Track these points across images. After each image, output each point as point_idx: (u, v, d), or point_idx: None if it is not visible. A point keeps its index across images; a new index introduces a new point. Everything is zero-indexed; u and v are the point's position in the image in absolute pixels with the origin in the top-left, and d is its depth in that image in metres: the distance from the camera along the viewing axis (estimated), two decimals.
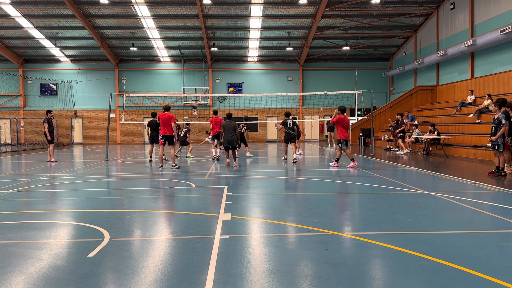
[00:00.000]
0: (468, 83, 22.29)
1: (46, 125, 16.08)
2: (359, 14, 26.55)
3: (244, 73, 33.95)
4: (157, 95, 31.70)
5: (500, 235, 5.05)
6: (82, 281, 3.61)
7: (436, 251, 4.29)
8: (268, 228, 5.48)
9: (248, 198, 7.73)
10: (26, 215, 6.45)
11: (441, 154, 17.05)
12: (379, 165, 13.72)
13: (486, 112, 17.72)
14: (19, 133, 33.08)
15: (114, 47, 31.58)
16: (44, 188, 9.29)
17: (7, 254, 4.38)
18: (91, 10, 26.07)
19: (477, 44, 20.26)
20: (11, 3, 24.61)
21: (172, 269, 3.90)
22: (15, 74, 32.72)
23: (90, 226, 5.54)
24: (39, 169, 13.51)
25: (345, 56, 33.57)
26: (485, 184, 9.02)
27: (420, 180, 10.08)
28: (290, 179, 10.56)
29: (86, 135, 33.79)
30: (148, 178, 11.16)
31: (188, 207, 7.05)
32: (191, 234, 5.11)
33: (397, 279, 3.60)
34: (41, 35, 29.26)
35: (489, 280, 3.54)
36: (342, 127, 12.25)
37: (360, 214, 6.33)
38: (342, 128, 12.24)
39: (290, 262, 4.04)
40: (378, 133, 25.77)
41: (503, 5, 19.28)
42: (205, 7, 25.31)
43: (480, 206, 6.67)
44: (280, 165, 13.99)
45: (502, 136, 10.35)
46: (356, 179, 10.24)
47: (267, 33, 29.32)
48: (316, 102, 32.82)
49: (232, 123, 13.28)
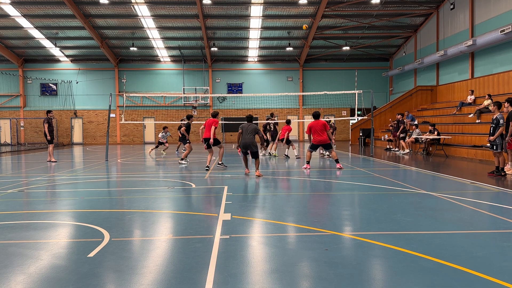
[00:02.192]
0: (468, 83, 22.29)
1: (46, 125, 16.09)
2: (359, 14, 26.55)
3: (244, 73, 33.95)
4: (157, 95, 31.71)
5: (500, 235, 5.05)
6: (82, 281, 3.61)
7: (436, 251, 4.29)
8: (268, 228, 5.48)
9: (248, 198, 7.73)
10: (26, 215, 6.44)
11: (441, 154, 17.05)
12: (379, 165, 13.72)
13: (486, 112, 17.71)
14: (19, 133, 33.08)
15: (114, 47, 31.58)
16: (44, 188, 9.28)
17: (7, 254, 4.38)
18: (91, 10, 26.07)
19: (477, 44, 20.26)
20: (11, 3, 24.61)
21: (172, 269, 3.90)
22: (15, 74, 32.72)
23: (90, 226, 5.54)
24: (39, 169, 13.51)
25: (345, 56, 33.57)
26: (485, 184, 9.02)
27: (420, 180, 10.08)
28: (290, 179, 10.55)
29: (86, 135, 33.79)
30: (148, 178, 11.15)
31: (188, 207, 7.05)
32: (191, 234, 5.11)
33: (397, 279, 3.60)
34: (41, 35, 29.26)
35: (489, 280, 3.54)
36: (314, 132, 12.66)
37: (360, 214, 6.33)
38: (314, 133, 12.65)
39: (290, 262, 4.04)
40: (378, 133, 25.78)
41: (503, 5, 19.29)
42: (205, 7, 25.31)
43: (480, 206, 6.67)
44: (280, 165, 13.99)
45: (501, 136, 10.36)
46: (356, 179, 10.24)
47: (267, 33, 29.32)
48: (316, 102, 32.82)
49: (252, 125, 11.20)
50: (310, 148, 12.88)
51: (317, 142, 12.60)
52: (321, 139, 12.51)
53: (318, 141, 12.57)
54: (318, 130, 12.52)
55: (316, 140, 12.60)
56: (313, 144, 12.75)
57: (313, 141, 12.73)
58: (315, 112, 12.96)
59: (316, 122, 12.62)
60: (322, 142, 12.56)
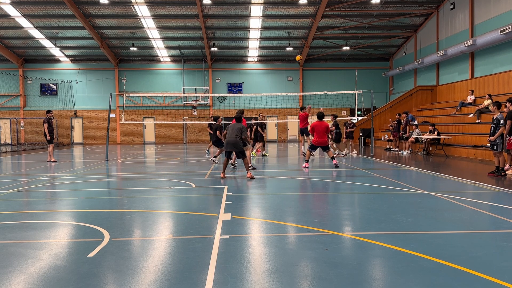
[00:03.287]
0: (468, 83, 22.29)
1: (46, 125, 16.09)
2: (359, 14, 26.54)
3: (244, 73, 33.95)
4: (157, 95, 31.71)
5: (500, 235, 5.05)
6: (82, 281, 3.61)
7: (436, 251, 4.29)
8: (268, 228, 5.48)
9: (248, 198, 7.73)
10: (26, 215, 6.44)
11: (441, 154, 17.05)
12: (379, 165, 13.72)
13: (486, 112, 17.71)
14: (19, 133, 33.07)
15: (114, 47, 31.58)
16: (44, 188, 9.28)
17: (7, 254, 4.38)
18: (91, 10, 26.07)
19: (477, 44, 20.26)
20: (11, 3, 24.61)
21: (172, 269, 3.90)
22: (15, 74, 32.71)
23: (90, 226, 5.54)
24: (39, 169, 13.51)
25: (345, 56, 33.56)
26: (485, 184, 9.02)
27: (420, 180, 10.08)
28: (290, 179, 10.55)
29: (86, 135, 33.78)
30: (148, 178, 11.15)
31: (188, 207, 7.05)
32: (191, 234, 5.11)
33: (397, 279, 3.60)
34: (41, 35, 29.25)
35: (489, 280, 3.54)
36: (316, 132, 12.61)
37: (360, 214, 6.33)
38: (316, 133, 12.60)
39: (290, 262, 4.04)
40: (378, 133, 25.78)
41: (503, 5, 19.28)
42: (205, 7, 25.31)
43: (480, 206, 6.67)
44: (280, 165, 13.98)
45: (501, 136, 10.36)
46: (356, 179, 10.24)
47: (267, 33, 29.31)
48: (316, 102, 32.76)
49: (238, 125, 10.59)
50: (309, 148, 12.92)
51: (317, 143, 12.64)
52: (321, 141, 12.55)
53: (318, 142, 12.61)
54: (320, 131, 12.50)
55: (316, 141, 12.63)
56: (313, 144, 12.79)
57: (313, 142, 12.74)
58: (319, 112, 12.94)
59: (320, 123, 12.59)
60: (321, 144, 12.62)
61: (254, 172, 11.24)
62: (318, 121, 12.65)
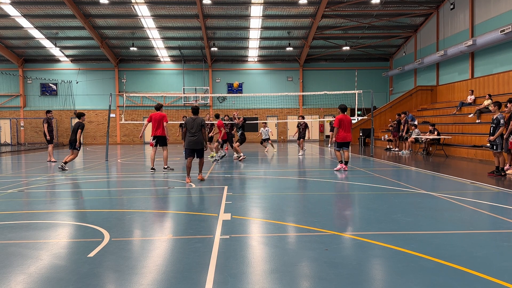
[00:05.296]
0: (468, 83, 22.29)
1: (46, 125, 16.09)
2: (359, 14, 26.55)
3: (244, 73, 33.95)
4: (157, 95, 31.70)
5: (500, 235, 5.05)
6: (82, 281, 3.61)
7: (436, 251, 4.29)
8: (268, 228, 5.48)
9: (248, 198, 7.73)
10: (26, 215, 6.44)
11: (441, 154, 17.05)
12: (379, 165, 13.72)
13: (486, 112, 17.71)
14: (19, 133, 33.07)
15: (114, 47, 31.58)
16: (44, 188, 9.28)
17: (7, 254, 4.38)
18: (91, 10, 26.07)
19: (477, 44, 20.26)
20: (11, 3, 24.61)
21: (172, 269, 3.90)
22: (15, 74, 32.71)
23: (90, 226, 5.54)
24: (39, 169, 13.51)
25: (345, 56, 33.56)
26: (485, 184, 9.02)
27: (420, 180, 10.07)
28: (290, 179, 10.55)
29: (86, 135, 33.76)
30: (148, 178, 11.15)
31: (188, 207, 7.05)
32: (191, 234, 5.11)
33: (397, 279, 3.60)
34: (41, 35, 29.25)
35: (489, 280, 3.54)
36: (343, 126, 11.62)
37: (360, 214, 6.33)
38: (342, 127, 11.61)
39: (290, 262, 4.04)
40: (378, 133, 25.78)
41: (503, 5, 19.28)
42: (205, 7, 25.31)
43: (480, 206, 6.67)
44: (280, 165, 13.98)
45: (501, 136, 10.36)
46: (356, 179, 10.24)
47: (267, 33, 29.32)
48: (316, 102, 32.83)
49: (197, 119, 9.83)
50: (337, 148, 11.74)
51: (343, 139, 11.53)
52: (347, 135, 11.53)
53: (344, 137, 11.50)
54: (346, 125, 11.46)
55: (342, 136, 11.49)
56: (338, 142, 11.62)
57: (339, 139, 11.57)
58: (342, 104, 11.73)
59: (345, 116, 11.56)
60: (347, 140, 11.55)
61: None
62: (342, 115, 11.60)
